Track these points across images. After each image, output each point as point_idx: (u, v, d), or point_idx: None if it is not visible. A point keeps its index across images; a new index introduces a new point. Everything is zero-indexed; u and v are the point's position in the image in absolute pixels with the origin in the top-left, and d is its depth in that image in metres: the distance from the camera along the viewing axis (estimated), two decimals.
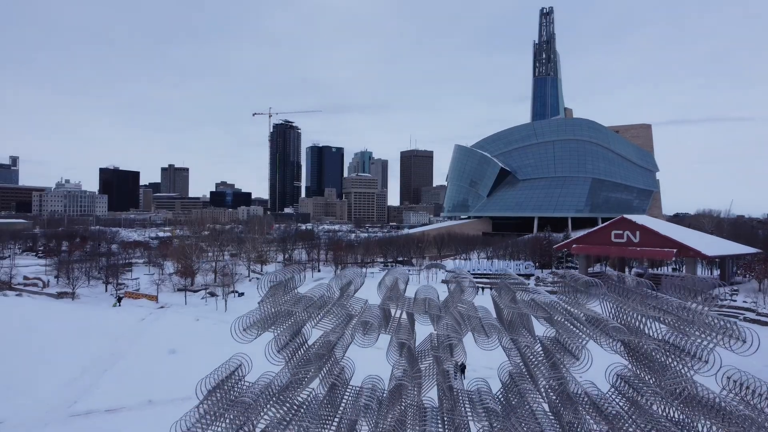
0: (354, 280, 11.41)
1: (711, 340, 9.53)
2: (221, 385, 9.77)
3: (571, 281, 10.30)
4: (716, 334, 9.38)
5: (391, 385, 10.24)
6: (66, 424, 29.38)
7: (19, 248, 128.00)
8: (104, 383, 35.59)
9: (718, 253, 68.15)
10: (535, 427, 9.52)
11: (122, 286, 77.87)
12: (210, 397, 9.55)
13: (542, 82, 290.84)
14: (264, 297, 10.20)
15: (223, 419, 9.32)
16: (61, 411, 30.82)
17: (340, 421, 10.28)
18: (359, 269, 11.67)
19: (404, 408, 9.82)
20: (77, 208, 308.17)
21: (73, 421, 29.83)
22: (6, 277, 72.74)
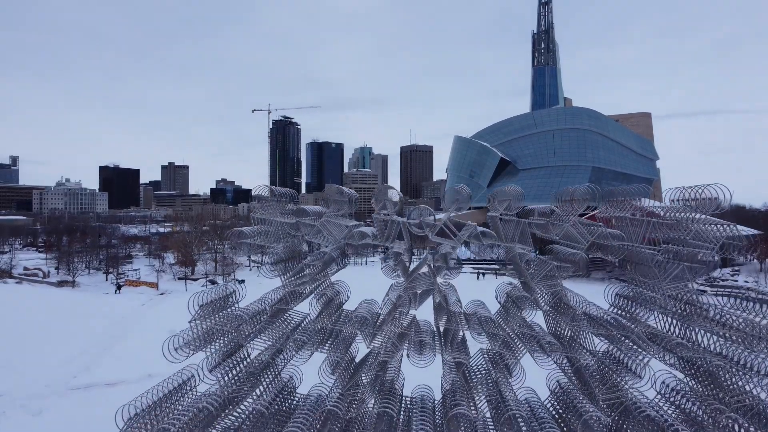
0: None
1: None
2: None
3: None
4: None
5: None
6: (66, 396, 29.38)
7: (20, 244, 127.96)
8: (104, 360, 35.56)
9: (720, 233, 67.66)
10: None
11: (123, 275, 77.85)
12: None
13: (541, 71, 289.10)
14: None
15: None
16: (61, 385, 30.81)
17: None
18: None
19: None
20: (78, 206, 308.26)
21: (73, 393, 29.83)
22: (6, 267, 72.68)
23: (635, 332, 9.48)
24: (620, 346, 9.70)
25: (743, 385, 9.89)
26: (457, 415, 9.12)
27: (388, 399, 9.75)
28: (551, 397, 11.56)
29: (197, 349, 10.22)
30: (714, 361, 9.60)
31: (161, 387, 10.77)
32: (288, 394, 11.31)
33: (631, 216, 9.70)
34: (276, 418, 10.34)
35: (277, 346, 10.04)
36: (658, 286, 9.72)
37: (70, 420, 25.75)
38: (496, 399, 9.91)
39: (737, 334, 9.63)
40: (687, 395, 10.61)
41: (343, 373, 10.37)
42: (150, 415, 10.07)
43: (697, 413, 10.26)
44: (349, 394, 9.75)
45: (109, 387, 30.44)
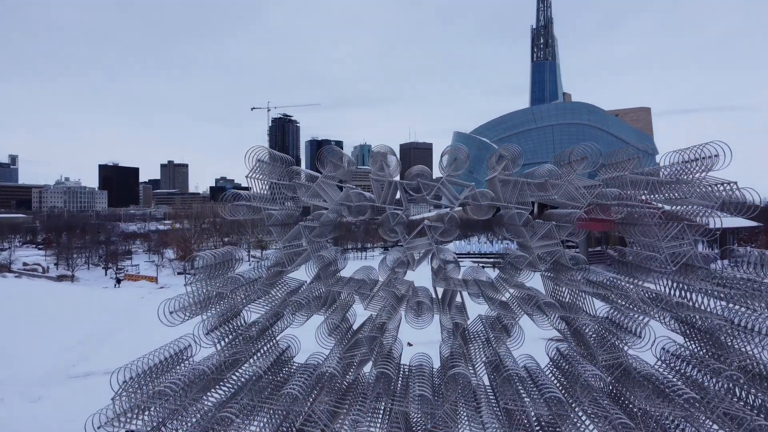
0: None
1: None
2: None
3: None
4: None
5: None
6: (65, 384, 29.32)
7: (19, 241, 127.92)
8: (103, 350, 35.50)
9: (717, 224, 67.74)
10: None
11: (122, 270, 77.89)
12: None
13: (540, 67, 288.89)
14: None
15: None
16: (60, 373, 30.77)
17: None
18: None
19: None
20: (77, 204, 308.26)
21: (72, 381, 29.77)
22: (5, 262, 72.69)
23: (635, 292, 9.40)
24: (619, 306, 9.62)
25: (744, 345, 9.82)
26: (456, 374, 9.04)
27: (387, 361, 9.67)
28: (551, 364, 11.49)
29: (194, 313, 10.12)
30: (714, 320, 9.52)
31: (157, 353, 10.70)
32: (286, 362, 11.24)
33: (630, 174, 9.61)
34: (274, 384, 10.26)
35: (275, 309, 9.95)
36: (659, 246, 9.63)
37: (69, 406, 25.63)
38: (495, 362, 9.84)
39: (738, 292, 9.55)
40: (687, 359, 10.54)
41: (341, 338, 10.29)
42: (146, 378, 10.00)
43: (697, 377, 10.19)
44: (347, 357, 9.67)
45: (108, 375, 30.32)
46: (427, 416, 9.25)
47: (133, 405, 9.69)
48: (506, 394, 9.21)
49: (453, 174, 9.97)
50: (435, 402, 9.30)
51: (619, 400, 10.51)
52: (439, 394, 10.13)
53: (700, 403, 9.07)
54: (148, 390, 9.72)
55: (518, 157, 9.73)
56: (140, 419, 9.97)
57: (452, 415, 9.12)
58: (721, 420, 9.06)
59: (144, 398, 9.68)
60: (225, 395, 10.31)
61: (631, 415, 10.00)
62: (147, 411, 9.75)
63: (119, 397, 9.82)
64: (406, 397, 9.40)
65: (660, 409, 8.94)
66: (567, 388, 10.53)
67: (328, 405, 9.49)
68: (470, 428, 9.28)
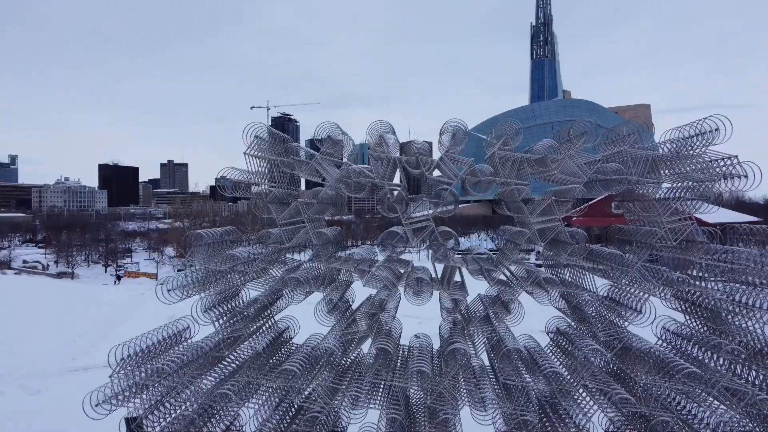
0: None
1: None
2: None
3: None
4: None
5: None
6: (65, 377, 29.29)
7: (19, 240, 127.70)
8: (103, 344, 35.38)
9: (718, 220, 67.88)
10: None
11: (122, 267, 77.82)
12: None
13: (540, 64, 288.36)
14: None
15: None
16: (59, 366, 30.75)
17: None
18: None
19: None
20: (77, 204, 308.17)
21: (72, 374, 29.73)
22: (5, 259, 72.60)
23: (635, 267, 9.34)
24: (619, 282, 9.56)
25: (745, 322, 9.76)
26: (455, 350, 8.98)
27: (386, 339, 9.62)
28: (551, 344, 11.44)
29: (192, 291, 10.06)
30: (714, 295, 9.47)
31: (156, 333, 10.64)
32: (285, 342, 11.19)
33: (630, 149, 9.54)
34: (272, 363, 10.21)
35: (274, 286, 9.88)
36: (659, 221, 9.58)
37: (69, 399, 25.60)
38: (494, 338, 9.78)
39: (739, 267, 9.49)
40: (688, 337, 10.49)
41: (341, 317, 10.23)
42: (144, 357, 9.95)
43: (697, 354, 10.14)
44: (346, 334, 9.62)
45: (108, 368, 30.38)
46: (427, 392, 9.20)
47: (131, 383, 9.65)
48: (505, 370, 9.16)
49: (453, 150, 9.90)
50: (435, 378, 9.25)
51: (620, 379, 10.46)
52: (439, 373, 10.08)
53: (700, 378, 9.02)
54: (146, 368, 9.67)
55: (517, 132, 9.67)
56: (138, 398, 9.93)
57: (452, 391, 9.07)
58: (722, 395, 9.00)
59: (142, 376, 9.63)
60: (224, 374, 10.27)
61: (631, 394, 9.95)
62: (145, 389, 9.71)
63: (117, 376, 9.77)
64: (405, 373, 9.35)
65: (660, 383, 8.89)
66: (567, 366, 10.49)
67: (327, 382, 9.45)
68: (470, 404, 9.23)
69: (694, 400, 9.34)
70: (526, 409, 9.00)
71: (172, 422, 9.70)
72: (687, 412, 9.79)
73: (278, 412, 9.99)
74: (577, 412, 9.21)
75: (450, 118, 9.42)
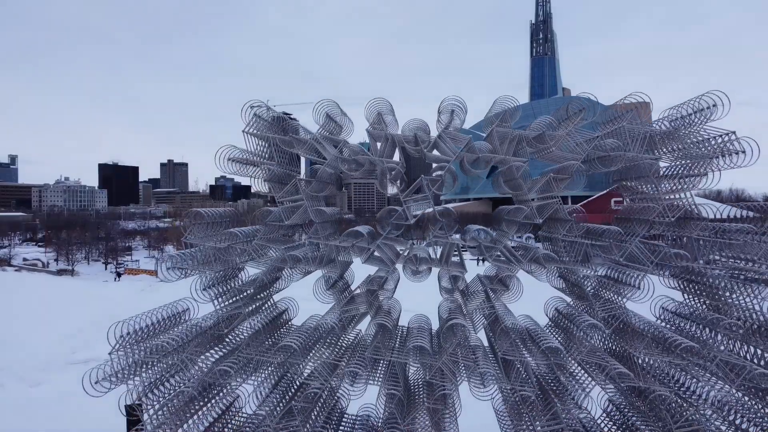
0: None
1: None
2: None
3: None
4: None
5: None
6: (65, 370, 29.26)
7: (19, 239, 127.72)
8: (103, 338, 35.37)
9: (717, 215, 67.97)
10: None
11: (122, 265, 77.91)
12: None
13: (539, 62, 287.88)
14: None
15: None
16: (59, 360, 30.73)
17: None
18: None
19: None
20: (77, 203, 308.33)
21: (72, 368, 29.65)
22: (5, 256, 72.67)
23: (634, 243, 9.36)
24: (618, 259, 9.58)
25: (743, 297, 9.78)
26: (453, 326, 9.00)
27: (386, 316, 9.64)
28: (550, 324, 11.46)
29: (192, 270, 10.07)
30: (712, 272, 9.49)
31: (155, 312, 10.67)
32: (284, 323, 11.21)
33: (628, 125, 9.57)
34: (271, 340, 10.23)
35: (274, 263, 9.89)
36: (657, 198, 9.60)
37: (69, 391, 25.61)
38: (493, 314, 9.81)
39: (737, 242, 9.51)
40: (686, 316, 10.51)
41: (340, 295, 10.26)
42: (143, 335, 9.97)
43: (695, 332, 10.16)
44: (345, 312, 9.65)
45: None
46: (425, 367, 9.22)
47: (130, 360, 9.67)
48: (504, 345, 9.18)
49: (452, 128, 9.92)
50: (433, 355, 9.27)
51: (619, 358, 10.49)
52: (438, 351, 10.10)
53: (699, 353, 9.04)
54: (146, 346, 9.70)
55: (516, 109, 9.69)
56: (138, 376, 9.95)
57: (451, 366, 9.10)
58: (720, 369, 9.03)
59: (142, 354, 9.65)
60: (224, 352, 10.30)
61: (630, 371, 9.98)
62: (145, 366, 9.73)
63: (116, 353, 9.79)
64: (404, 349, 9.38)
65: (658, 357, 8.91)
66: (566, 345, 10.52)
67: (327, 359, 9.47)
68: (469, 380, 9.26)
69: (692, 376, 9.37)
70: (524, 384, 9.03)
71: (172, 400, 9.73)
72: (686, 389, 9.82)
73: (278, 390, 10.02)
74: (576, 388, 9.24)
75: (449, 95, 9.43)
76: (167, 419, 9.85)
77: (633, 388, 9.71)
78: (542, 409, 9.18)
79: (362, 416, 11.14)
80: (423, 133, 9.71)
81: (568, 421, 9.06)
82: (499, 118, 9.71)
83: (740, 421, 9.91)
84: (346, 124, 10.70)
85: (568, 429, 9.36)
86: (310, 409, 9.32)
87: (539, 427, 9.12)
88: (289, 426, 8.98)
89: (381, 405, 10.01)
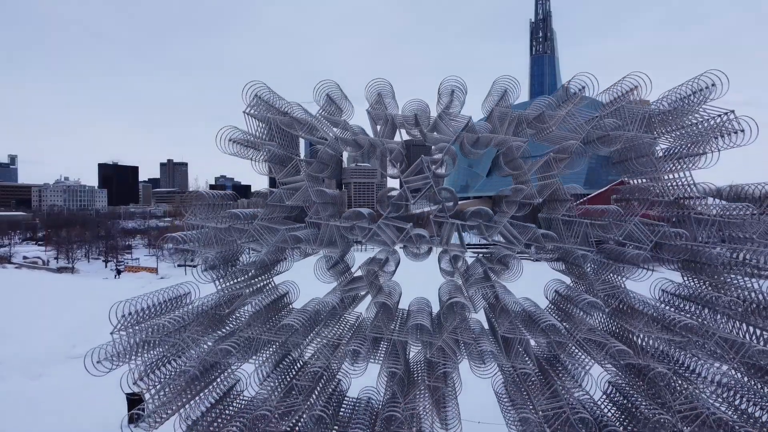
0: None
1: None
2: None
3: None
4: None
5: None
6: (65, 364, 29.32)
7: (19, 238, 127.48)
8: (104, 333, 35.38)
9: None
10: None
11: (122, 262, 77.89)
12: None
13: (539, 60, 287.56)
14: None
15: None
16: (60, 354, 30.79)
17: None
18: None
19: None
20: (77, 203, 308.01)
21: (73, 361, 29.71)
22: (5, 254, 72.65)
23: (632, 222, 9.39)
24: (617, 235, 9.60)
25: (741, 276, 9.81)
26: (454, 303, 9.03)
27: (387, 296, 9.67)
28: (550, 305, 11.49)
29: (195, 249, 10.09)
30: (713, 249, 9.52)
31: (157, 294, 10.69)
32: (285, 306, 11.24)
33: (628, 105, 9.60)
34: (273, 321, 10.26)
35: (276, 243, 9.90)
36: (657, 177, 9.63)
37: (69, 384, 25.70)
38: (494, 293, 9.83)
39: (736, 220, 9.54)
40: (686, 296, 10.54)
41: (340, 275, 10.28)
42: (146, 315, 10.00)
43: (695, 311, 10.19)
44: (346, 291, 9.68)
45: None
46: (426, 346, 9.25)
47: (132, 340, 9.70)
48: (504, 324, 9.21)
49: (452, 108, 9.94)
50: (434, 334, 9.30)
51: (619, 338, 10.52)
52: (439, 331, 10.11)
53: (698, 330, 9.07)
54: (148, 326, 9.73)
55: (516, 87, 9.71)
56: (140, 356, 9.98)
57: (452, 345, 9.13)
58: (719, 346, 9.06)
59: (144, 333, 9.68)
60: (225, 333, 10.33)
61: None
62: (147, 346, 9.76)
63: (118, 333, 9.82)
64: (405, 328, 9.40)
65: (657, 335, 8.94)
66: (566, 326, 10.55)
67: (329, 339, 9.50)
68: (469, 358, 9.29)
69: (692, 354, 9.40)
70: (524, 362, 9.06)
71: (174, 380, 9.76)
72: (685, 368, 9.85)
73: (279, 371, 10.06)
74: (576, 365, 9.27)
75: (448, 76, 9.47)
76: (168, 400, 9.88)
77: (632, 368, 9.75)
78: (542, 387, 9.21)
79: (363, 399, 11.17)
80: (423, 114, 9.72)
81: (568, 399, 9.09)
82: (499, 97, 9.72)
83: (740, 402, 9.95)
84: (346, 107, 10.72)
85: (569, 408, 9.39)
86: (312, 387, 9.35)
87: (540, 406, 9.15)
88: (290, 404, 9.01)
89: (382, 384, 10.04)
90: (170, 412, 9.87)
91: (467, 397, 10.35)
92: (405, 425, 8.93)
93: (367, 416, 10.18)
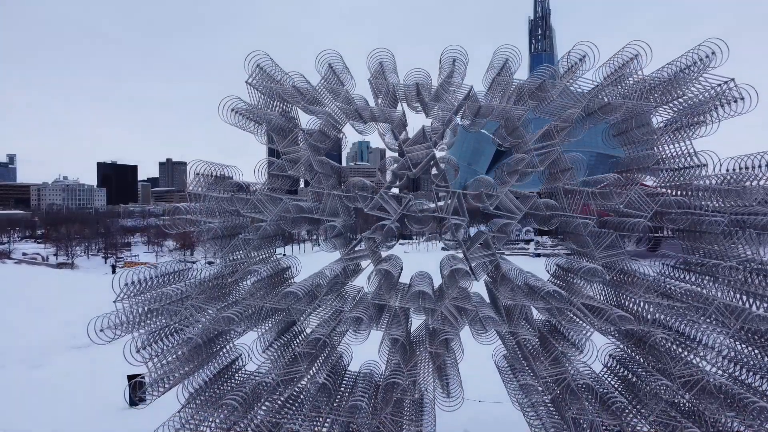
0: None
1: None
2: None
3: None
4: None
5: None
6: (66, 354, 29.38)
7: (18, 236, 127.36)
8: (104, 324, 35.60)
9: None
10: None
11: (121, 259, 77.95)
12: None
13: (538, 58, 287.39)
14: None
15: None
16: (61, 345, 30.84)
17: None
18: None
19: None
20: (76, 202, 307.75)
21: (73, 352, 29.80)
22: (5, 250, 72.64)
23: (633, 190, 9.43)
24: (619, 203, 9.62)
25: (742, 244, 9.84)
26: (454, 270, 9.07)
27: (390, 265, 9.69)
28: (551, 279, 11.54)
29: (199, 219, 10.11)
30: (713, 217, 9.56)
31: (160, 266, 10.71)
32: (286, 279, 11.27)
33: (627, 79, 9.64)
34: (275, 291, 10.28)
35: (279, 212, 9.91)
36: (656, 141, 9.68)
37: (70, 373, 25.76)
38: (493, 266, 9.87)
39: (735, 189, 9.58)
40: (687, 267, 10.58)
41: (341, 248, 10.32)
42: (148, 284, 10.03)
43: (695, 282, 10.24)
44: (348, 260, 9.71)
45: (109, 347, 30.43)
46: (428, 313, 9.29)
47: (135, 309, 9.73)
48: (504, 291, 9.25)
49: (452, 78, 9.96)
50: (435, 302, 9.33)
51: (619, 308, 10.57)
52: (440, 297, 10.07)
53: (698, 296, 9.12)
54: (151, 294, 9.76)
55: (517, 55, 9.73)
56: (143, 325, 10.00)
57: (453, 311, 9.16)
58: (720, 312, 9.10)
59: (148, 302, 9.71)
60: (228, 303, 10.36)
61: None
62: (150, 315, 9.79)
63: (120, 301, 9.85)
64: (406, 294, 9.44)
65: (658, 302, 8.99)
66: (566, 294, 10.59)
67: (333, 308, 9.54)
68: (470, 324, 9.33)
69: (692, 321, 9.43)
70: (525, 329, 9.10)
71: (177, 348, 9.79)
72: (685, 337, 9.90)
73: (281, 341, 10.09)
74: (576, 331, 9.31)
75: (449, 45, 9.49)
76: (170, 370, 9.90)
77: (633, 337, 9.79)
78: (543, 354, 9.26)
79: (365, 373, 11.21)
80: (425, 87, 9.74)
81: (569, 368, 9.14)
82: (502, 66, 9.75)
83: (739, 372, 10.00)
84: (347, 81, 10.75)
85: (570, 376, 9.44)
86: (315, 355, 9.38)
87: (542, 373, 9.19)
88: (292, 371, 9.05)
89: (384, 352, 10.06)
90: (172, 381, 9.90)
91: (468, 378, 10.38)
92: (408, 391, 8.97)
93: (370, 387, 10.22)
